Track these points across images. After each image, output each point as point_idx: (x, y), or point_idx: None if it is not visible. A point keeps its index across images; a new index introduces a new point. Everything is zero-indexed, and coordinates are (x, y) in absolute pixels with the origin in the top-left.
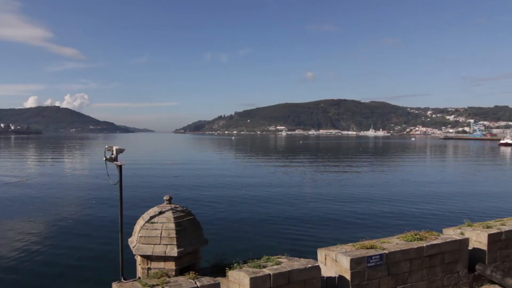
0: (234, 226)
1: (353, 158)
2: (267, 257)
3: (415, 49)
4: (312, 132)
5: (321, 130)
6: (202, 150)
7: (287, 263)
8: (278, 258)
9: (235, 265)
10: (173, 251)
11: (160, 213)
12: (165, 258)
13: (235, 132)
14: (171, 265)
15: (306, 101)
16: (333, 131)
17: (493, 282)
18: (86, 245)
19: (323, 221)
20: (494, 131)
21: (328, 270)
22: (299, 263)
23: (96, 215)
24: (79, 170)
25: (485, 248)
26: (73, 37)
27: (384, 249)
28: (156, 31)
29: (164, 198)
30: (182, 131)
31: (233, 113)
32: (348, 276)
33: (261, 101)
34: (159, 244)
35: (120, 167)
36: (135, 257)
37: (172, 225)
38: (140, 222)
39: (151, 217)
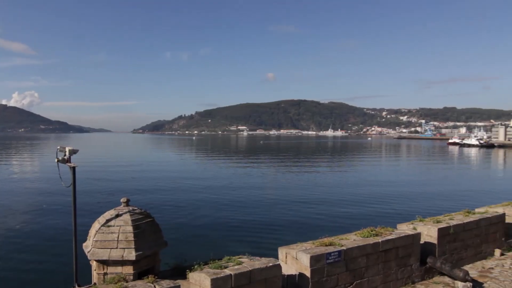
0: (195, 228)
1: (312, 158)
2: (228, 257)
3: (372, 52)
4: (273, 132)
5: (282, 130)
6: (162, 150)
7: (248, 263)
8: (240, 258)
9: (195, 266)
10: (131, 255)
11: (117, 216)
12: (122, 262)
13: (195, 132)
14: (129, 269)
15: (267, 101)
16: (294, 131)
17: (442, 274)
18: (38, 255)
19: (284, 220)
20: (443, 131)
21: (289, 268)
22: (260, 262)
23: (47, 222)
24: (28, 173)
25: (435, 241)
26: (23, 31)
27: (342, 245)
28: (113, 29)
29: (121, 200)
30: (141, 131)
31: (193, 113)
32: (308, 273)
33: (222, 101)
34: (116, 248)
35: (73, 169)
36: (91, 263)
37: (130, 228)
38: (96, 225)
39: (108, 220)
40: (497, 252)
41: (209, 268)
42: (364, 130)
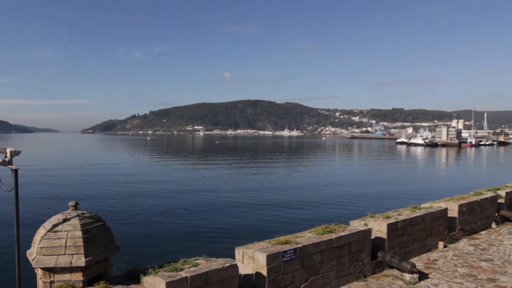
0: (149, 231)
1: (269, 158)
2: (184, 259)
3: (327, 54)
4: (229, 132)
5: (238, 130)
6: (114, 151)
7: (204, 264)
8: (196, 259)
9: (150, 270)
10: (80, 261)
11: (65, 220)
12: (71, 269)
13: (150, 132)
14: (78, 276)
15: (224, 101)
16: (250, 131)
17: (392, 267)
18: None
19: (241, 221)
20: (392, 131)
21: (245, 268)
22: (216, 263)
23: None
24: None
25: (385, 236)
26: None
27: (298, 243)
28: (61, 23)
29: (70, 204)
30: (91, 131)
31: (148, 112)
32: (264, 272)
33: (178, 100)
34: (64, 254)
35: (15, 171)
36: (36, 271)
37: (79, 233)
38: (41, 231)
39: (54, 225)
40: (441, 244)
41: (164, 272)
42: (319, 130)
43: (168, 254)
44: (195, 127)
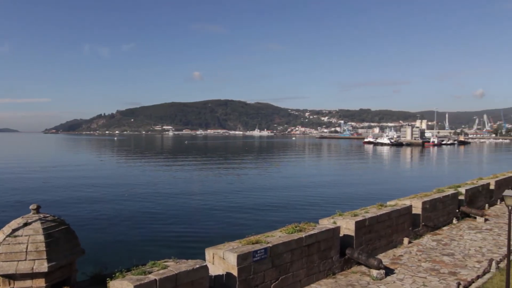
0: (117, 233)
1: (239, 158)
2: (152, 262)
3: (296, 55)
4: (200, 132)
5: (209, 130)
6: (78, 152)
7: (174, 266)
8: (165, 262)
9: (117, 274)
10: (43, 266)
11: (26, 224)
12: (32, 275)
13: (117, 132)
14: (40, 282)
15: (194, 100)
16: (221, 131)
17: (359, 263)
18: None
19: (212, 221)
20: (360, 131)
21: (216, 269)
22: (186, 265)
23: None
24: None
25: (353, 234)
26: None
27: (268, 243)
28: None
29: (31, 207)
30: (54, 131)
31: (114, 112)
32: (235, 272)
33: (146, 99)
34: (25, 260)
35: None
36: None
37: (41, 237)
38: (0, 236)
39: (14, 230)
40: (406, 240)
41: (132, 275)
42: (289, 130)
43: (137, 257)
44: (164, 127)
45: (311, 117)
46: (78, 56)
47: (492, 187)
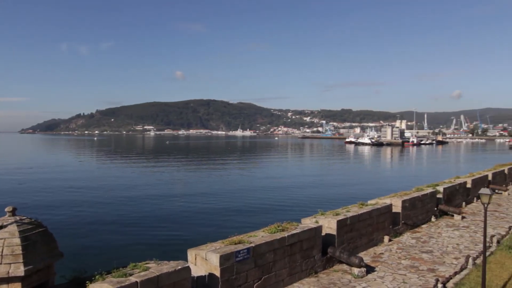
0: (96, 235)
1: (222, 158)
2: (134, 264)
3: (279, 55)
4: (182, 132)
5: (191, 130)
6: (57, 152)
7: (155, 268)
8: (146, 263)
9: (97, 277)
10: (19, 270)
11: (1, 227)
12: (8, 280)
13: (96, 132)
14: (16, 286)
15: (176, 100)
16: (203, 131)
17: (341, 262)
18: None
19: (194, 222)
20: (341, 131)
21: (198, 270)
22: (168, 266)
23: None
24: None
25: (334, 233)
26: None
27: (251, 242)
28: None
29: (6, 209)
30: (31, 131)
31: (94, 111)
32: (218, 273)
33: (127, 99)
34: (0, 263)
35: None
36: None
37: (17, 240)
38: None
39: None
40: (386, 238)
41: (113, 277)
42: (271, 130)
43: (117, 259)
44: (145, 127)
45: (293, 117)
46: (56, 54)
47: (468, 185)
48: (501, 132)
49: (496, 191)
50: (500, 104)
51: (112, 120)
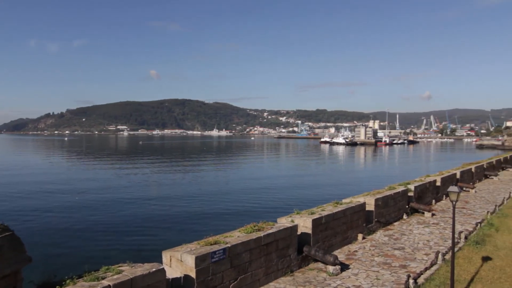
0: (68, 239)
1: (197, 158)
2: (106, 267)
3: (254, 55)
4: (156, 132)
5: (166, 130)
6: (25, 153)
7: (129, 271)
8: (119, 266)
9: (68, 281)
10: None
11: None
12: None
13: (67, 132)
14: None
15: (150, 100)
16: (178, 131)
17: (316, 260)
18: None
19: (169, 223)
20: (316, 131)
21: (173, 271)
22: (142, 269)
23: None
24: None
25: (310, 231)
26: None
27: (227, 243)
28: None
29: None
30: None
31: (64, 111)
32: (193, 274)
33: (99, 98)
34: None
35: None
36: None
37: None
38: None
39: None
40: (360, 236)
41: (84, 282)
42: (247, 130)
43: (89, 263)
44: (118, 127)
45: (269, 117)
46: (23, 51)
47: (438, 183)
48: (469, 132)
49: (464, 188)
50: (467, 105)
51: (84, 119)
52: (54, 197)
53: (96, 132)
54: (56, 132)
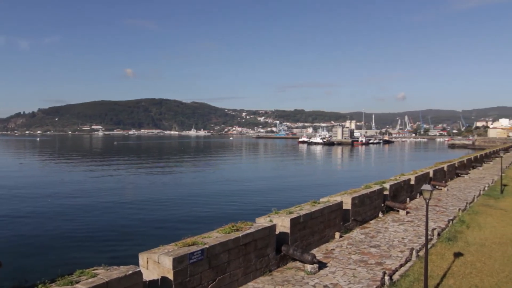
0: (40, 242)
1: (174, 159)
2: (80, 270)
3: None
4: (132, 132)
5: (142, 130)
6: None
7: (104, 274)
8: (94, 270)
9: (40, 286)
10: None
11: None
12: None
13: (39, 132)
14: None
15: (126, 99)
16: (155, 131)
17: (295, 259)
18: None
19: (145, 225)
20: (295, 131)
21: (150, 274)
22: (118, 272)
23: None
24: None
25: (288, 231)
26: None
27: (205, 244)
28: None
29: None
30: None
31: (36, 110)
32: (171, 276)
33: (73, 97)
34: None
35: None
36: None
37: None
38: None
39: None
40: (337, 235)
41: (57, 286)
42: (226, 130)
43: (62, 266)
44: (93, 127)
45: (247, 117)
46: None
47: (412, 182)
48: (441, 132)
49: (437, 187)
50: (439, 106)
51: (56, 119)
52: (25, 200)
53: (70, 132)
54: (27, 132)
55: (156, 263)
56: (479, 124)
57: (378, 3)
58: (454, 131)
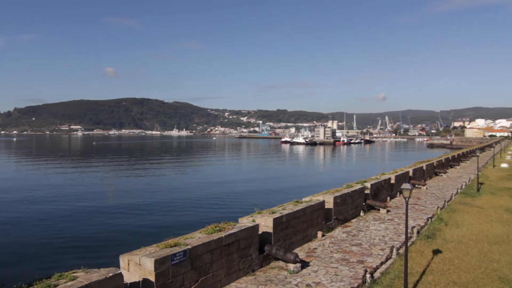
0: (16, 245)
1: (155, 159)
2: (59, 274)
3: (215, 55)
4: (113, 132)
5: (123, 130)
6: None
7: (84, 277)
8: (74, 273)
9: None
10: None
11: None
12: None
13: (15, 132)
14: None
15: (106, 98)
16: (137, 131)
17: (278, 259)
18: None
19: (126, 227)
20: (277, 131)
21: (132, 276)
22: (98, 274)
23: None
24: None
25: (271, 230)
26: None
27: (187, 245)
28: None
29: None
30: None
31: (12, 109)
32: (152, 277)
33: (51, 96)
34: None
35: None
36: None
37: None
38: None
39: None
40: (319, 234)
41: None
42: (208, 130)
43: (40, 270)
44: (72, 127)
45: (230, 117)
46: None
47: (392, 181)
48: (420, 132)
49: (416, 186)
50: (419, 106)
51: (34, 119)
52: None
53: (48, 132)
54: (2, 132)
55: (138, 265)
56: (456, 124)
57: (361, 5)
58: (433, 131)
